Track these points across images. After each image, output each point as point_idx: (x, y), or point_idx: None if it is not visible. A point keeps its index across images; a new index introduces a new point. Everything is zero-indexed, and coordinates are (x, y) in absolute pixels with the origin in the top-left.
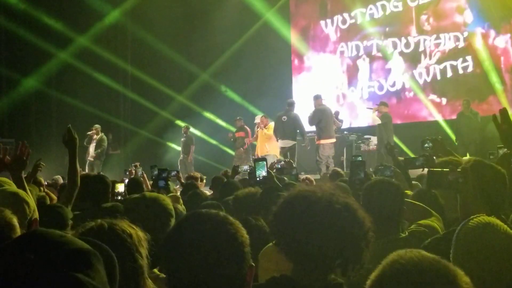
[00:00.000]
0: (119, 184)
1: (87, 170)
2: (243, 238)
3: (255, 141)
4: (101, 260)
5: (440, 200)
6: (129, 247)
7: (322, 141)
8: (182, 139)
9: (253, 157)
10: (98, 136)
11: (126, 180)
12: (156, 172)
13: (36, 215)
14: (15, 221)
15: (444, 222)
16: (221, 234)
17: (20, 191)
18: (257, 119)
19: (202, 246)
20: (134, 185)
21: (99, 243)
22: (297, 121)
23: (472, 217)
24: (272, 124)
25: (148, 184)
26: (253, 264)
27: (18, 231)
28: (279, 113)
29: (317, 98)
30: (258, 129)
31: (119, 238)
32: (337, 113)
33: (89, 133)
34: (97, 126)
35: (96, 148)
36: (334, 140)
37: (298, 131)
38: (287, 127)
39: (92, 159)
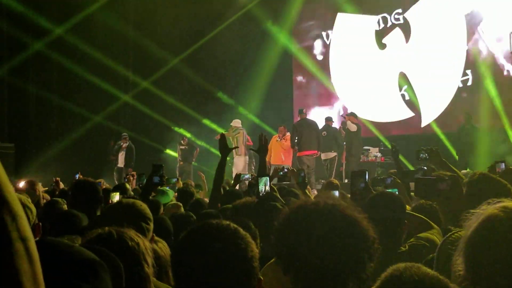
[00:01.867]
0: (114, 193)
1: (115, 178)
2: (253, 253)
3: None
4: (107, 270)
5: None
6: (137, 255)
7: (299, 154)
8: (182, 147)
9: (269, 166)
10: (127, 144)
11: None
12: (145, 181)
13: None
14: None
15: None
16: (231, 248)
17: (23, 197)
18: (235, 123)
19: (212, 259)
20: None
21: (107, 252)
22: (337, 135)
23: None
24: (289, 135)
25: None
26: (261, 277)
27: None
28: (321, 128)
29: (299, 112)
30: (278, 139)
31: (128, 246)
32: (329, 119)
33: (119, 142)
34: (125, 134)
35: (126, 156)
36: (313, 151)
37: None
38: (328, 141)
39: (122, 166)
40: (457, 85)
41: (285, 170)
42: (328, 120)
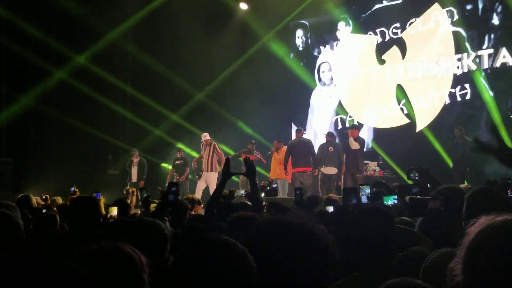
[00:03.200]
0: (112, 207)
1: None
2: (252, 268)
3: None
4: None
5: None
6: (134, 271)
7: (292, 170)
8: (178, 162)
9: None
10: (138, 159)
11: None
12: (145, 195)
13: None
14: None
15: None
16: (230, 263)
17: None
18: (204, 137)
19: (211, 274)
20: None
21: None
22: (340, 152)
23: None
24: (285, 149)
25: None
26: None
27: None
28: (322, 144)
29: (297, 131)
30: (270, 153)
31: (126, 262)
32: (330, 134)
33: (130, 158)
34: (135, 150)
35: (139, 170)
36: (306, 168)
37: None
38: (334, 156)
39: (135, 181)
40: (447, 98)
41: (274, 185)
42: (332, 136)
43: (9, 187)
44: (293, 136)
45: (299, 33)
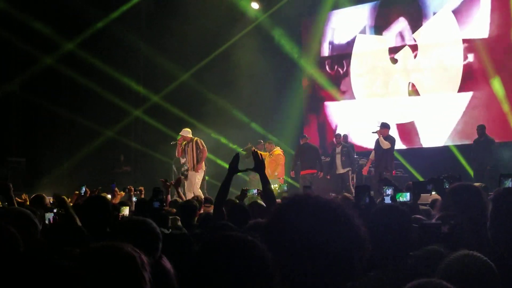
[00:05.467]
0: (124, 207)
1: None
2: (271, 267)
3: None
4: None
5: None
6: (135, 270)
7: (302, 172)
8: None
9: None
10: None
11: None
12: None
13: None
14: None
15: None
16: (250, 260)
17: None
18: (185, 133)
19: (232, 272)
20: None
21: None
22: (351, 153)
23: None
24: (277, 149)
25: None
26: None
27: None
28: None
29: (302, 137)
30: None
31: (127, 261)
32: (345, 137)
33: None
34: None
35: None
36: (313, 171)
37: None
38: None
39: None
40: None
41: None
42: (344, 137)
43: (21, 187)
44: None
45: None
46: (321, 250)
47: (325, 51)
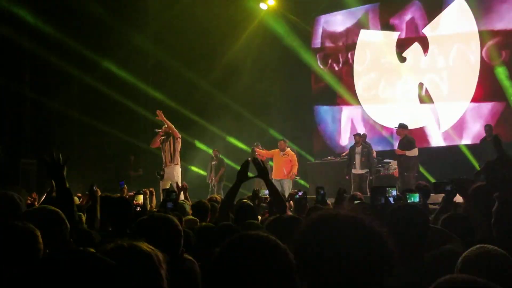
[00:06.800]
0: (139, 196)
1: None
2: (293, 265)
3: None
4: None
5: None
6: (151, 268)
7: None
8: (214, 163)
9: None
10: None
11: None
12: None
13: None
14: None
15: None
16: (272, 259)
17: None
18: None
19: (254, 271)
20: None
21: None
22: (371, 154)
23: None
24: (289, 149)
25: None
26: None
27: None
28: (351, 146)
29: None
30: (281, 154)
31: (143, 259)
32: (364, 136)
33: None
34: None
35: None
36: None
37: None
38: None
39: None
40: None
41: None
42: (363, 136)
43: (33, 189)
44: None
45: None
46: (354, 266)
47: (335, 49)
